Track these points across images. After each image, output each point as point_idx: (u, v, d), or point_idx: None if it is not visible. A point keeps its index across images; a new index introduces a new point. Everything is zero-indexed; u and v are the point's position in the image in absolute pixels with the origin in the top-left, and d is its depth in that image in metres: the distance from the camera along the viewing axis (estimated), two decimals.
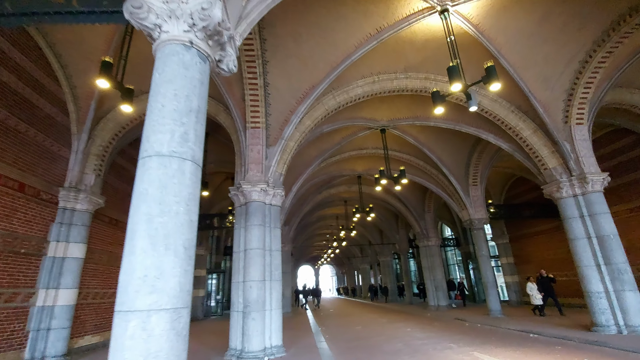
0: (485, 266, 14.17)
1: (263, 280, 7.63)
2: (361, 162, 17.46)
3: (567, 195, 9.41)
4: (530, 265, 18.48)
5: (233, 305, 7.66)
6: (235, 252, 8.05)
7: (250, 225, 7.91)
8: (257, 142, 8.63)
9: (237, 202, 8.55)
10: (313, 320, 14.89)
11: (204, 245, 19.06)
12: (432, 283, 19.03)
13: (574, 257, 9.12)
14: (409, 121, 12.67)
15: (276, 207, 8.62)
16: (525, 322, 11.01)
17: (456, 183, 14.89)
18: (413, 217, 20.22)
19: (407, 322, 13.09)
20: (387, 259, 30.04)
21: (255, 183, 8.17)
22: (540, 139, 9.98)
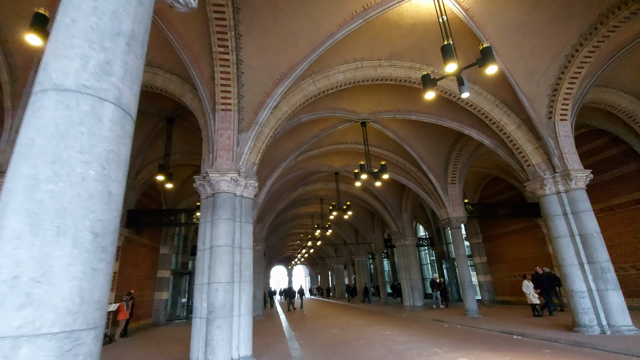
0: (463, 265, 13.95)
1: (231, 282, 6.70)
2: (339, 158, 16.81)
3: (550, 193, 9.21)
4: (503, 265, 18.67)
5: (195, 311, 6.66)
6: (200, 250, 7.06)
7: (218, 219, 6.95)
8: (227, 127, 7.67)
9: (203, 193, 7.54)
10: (286, 324, 14.02)
11: (168, 244, 17.61)
12: (408, 283, 18.74)
13: (557, 255, 8.92)
14: (390, 114, 12.16)
15: (248, 200, 7.71)
16: (504, 323, 10.77)
17: (435, 181, 14.60)
18: (390, 216, 19.86)
19: (385, 324, 12.55)
20: (362, 258, 29.68)
21: (224, 172, 7.22)
22: (524, 135, 9.75)
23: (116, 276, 12.49)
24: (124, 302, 12.09)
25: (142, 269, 15.28)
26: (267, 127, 8.44)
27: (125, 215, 12.93)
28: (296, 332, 11.48)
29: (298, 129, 12.75)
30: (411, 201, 19.75)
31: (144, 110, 10.90)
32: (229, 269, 6.69)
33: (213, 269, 6.60)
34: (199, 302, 6.67)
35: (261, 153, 8.34)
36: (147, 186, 14.25)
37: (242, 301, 6.83)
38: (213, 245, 6.78)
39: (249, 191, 7.71)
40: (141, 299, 15.13)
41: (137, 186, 13.45)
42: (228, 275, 6.64)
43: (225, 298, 6.46)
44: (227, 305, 6.44)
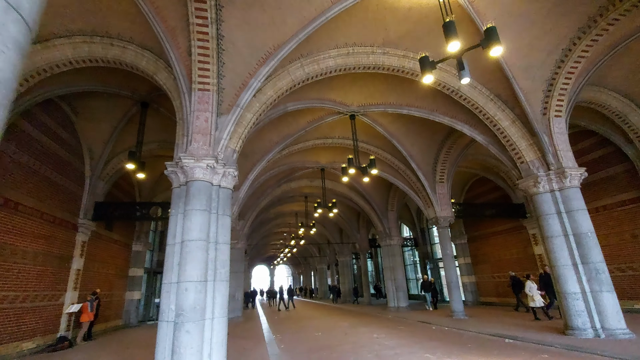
0: (450, 266, 13.62)
1: (204, 281, 5.96)
2: (326, 154, 16.22)
3: (544, 191, 8.91)
4: (487, 266, 18.56)
5: (162, 314, 5.88)
6: (169, 244, 6.27)
7: (191, 210, 6.19)
8: (205, 108, 6.91)
9: (175, 181, 6.75)
10: (267, 326, 13.28)
11: (142, 241, 16.51)
12: (393, 283, 18.34)
13: (549, 255, 8.60)
14: (380, 108, 11.65)
15: (226, 190, 6.97)
16: (492, 325, 10.44)
17: (424, 179, 14.22)
18: (376, 215, 19.43)
19: (371, 326, 12.02)
20: (346, 258, 29.20)
21: (200, 157, 6.46)
22: (518, 131, 9.43)
23: (80, 273, 11.41)
24: (87, 303, 11.04)
25: (112, 266, 14.17)
26: (250, 112, 7.73)
27: (92, 208, 11.86)
28: (277, 335, 10.77)
29: (284, 120, 12.08)
30: (397, 200, 19.39)
31: (114, 93, 9.94)
32: (202, 266, 5.94)
33: (183, 266, 5.84)
34: (166, 304, 5.89)
35: (242, 140, 7.61)
36: (118, 177, 13.18)
37: (216, 302, 6.09)
38: (185, 239, 6.02)
39: (227, 180, 6.98)
40: (110, 299, 14.03)
41: (107, 177, 12.39)
42: (201, 274, 5.89)
43: (196, 299, 5.71)
44: (198, 308, 5.69)
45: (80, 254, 11.44)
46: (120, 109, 11.04)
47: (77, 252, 11.30)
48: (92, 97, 10.49)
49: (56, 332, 10.37)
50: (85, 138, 11.51)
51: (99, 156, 11.88)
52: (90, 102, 10.70)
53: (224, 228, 6.65)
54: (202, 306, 5.78)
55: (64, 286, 10.76)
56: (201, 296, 5.80)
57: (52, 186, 10.14)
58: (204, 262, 6.03)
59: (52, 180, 10.09)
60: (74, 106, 10.72)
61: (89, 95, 10.34)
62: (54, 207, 10.19)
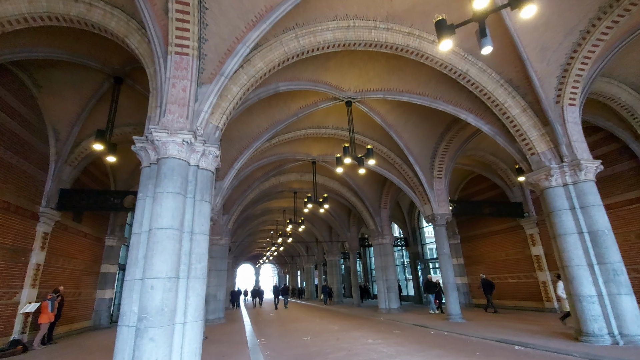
0: (446, 266, 12.90)
1: (176, 278, 4.94)
2: (318, 146, 15.31)
3: (556, 185, 8.23)
4: (481, 267, 17.99)
5: (122, 317, 4.83)
6: (135, 234, 5.22)
7: (162, 192, 5.16)
8: (183, 76, 5.88)
9: (144, 159, 5.70)
10: (250, 329, 12.25)
11: (116, 235, 15.21)
12: (384, 284, 17.55)
13: (561, 255, 7.91)
14: (379, 94, 10.81)
15: (206, 173, 5.96)
16: (495, 329, 9.73)
17: (421, 174, 13.47)
18: (369, 213, 18.61)
19: (363, 329, 11.16)
20: (335, 258, 28.31)
21: (174, 131, 5.44)
22: (529, 119, 8.73)
23: (40, 269, 10.14)
24: (47, 302, 9.78)
25: (80, 262, 12.86)
26: (237, 85, 6.74)
27: (56, 195, 10.60)
28: (261, 339, 9.78)
29: (274, 104, 11.11)
30: (391, 198, 18.63)
31: (82, 64, 8.76)
32: (173, 260, 4.92)
33: (150, 259, 4.81)
34: (127, 305, 4.85)
35: (227, 117, 6.62)
36: (89, 163, 11.92)
37: (189, 304, 5.08)
38: (153, 227, 4.99)
39: (207, 161, 5.97)
40: (77, 298, 12.72)
41: (75, 161, 11.12)
42: (171, 269, 4.87)
43: (164, 299, 4.69)
44: (166, 310, 4.67)
45: (41, 246, 10.17)
46: (90, 85, 9.84)
47: (37, 244, 10.02)
48: (57, 68, 9.27)
49: (9, 335, 9.10)
50: (49, 116, 10.25)
51: (65, 138, 10.62)
52: (54, 74, 9.47)
53: (202, 216, 5.64)
54: (171, 308, 4.76)
55: (20, 283, 9.48)
56: (171, 296, 4.78)
57: (6, 168, 8.87)
58: (176, 255, 5.01)
59: (5, 161, 8.82)
60: (36, 78, 9.46)
61: (52, 65, 9.13)
62: (7, 192, 8.91)
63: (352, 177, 17.81)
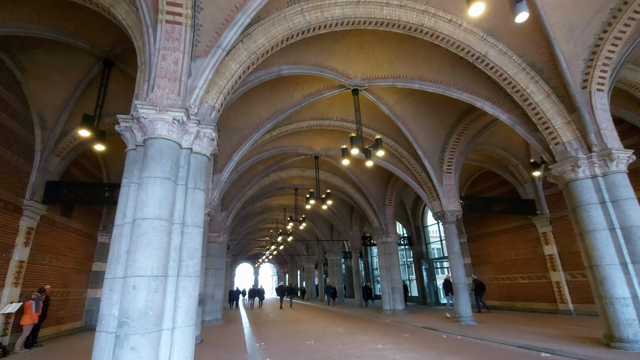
0: (457, 265, 12.23)
1: (163, 276, 4.26)
2: (321, 139, 14.62)
3: (584, 176, 7.56)
4: (489, 266, 17.34)
5: (101, 322, 4.15)
6: (117, 225, 4.54)
7: (148, 177, 4.47)
8: (174, 47, 5.19)
9: (130, 141, 5.02)
10: (249, 331, 11.57)
11: (109, 231, 14.47)
12: (389, 284, 16.87)
13: (590, 253, 7.24)
14: (388, 82, 10.13)
15: (201, 157, 5.27)
16: (511, 333, 9.05)
17: (430, 169, 12.79)
18: (372, 211, 17.93)
19: (370, 332, 10.48)
20: (336, 257, 27.61)
21: (164, 108, 4.75)
22: (553, 106, 8.05)
23: (24, 266, 9.44)
24: (31, 301, 9.08)
25: (70, 259, 12.16)
26: (236, 61, 6.05)
27: (42, 188, 9.90)
28: (261, 343, 9.10)
29: (276, 93, 10.43)
30: (396, 194, 17.94)
31: (68, 44, 8.06)
32: (160, 256, 4.24)
33: (133, 254, 4.12)
34: (107, 308, 4.16)
35: (224, 96, 5.93)
36: (78, 154, 11.20)
37: (179, 306, 4.40)
38: (137, 217, 4.30)
39: (202, 144, 5.28)
40: (66, 298, 12.03)
41: (63, 152, 10.42)
42: (158, 266, 4.18)
43: (149, 301, 4.00)
44: (151, 314, 3.98)
45: (25, 242, 9.47)
46: (79, 68, 9.13)
47: (21, 240, 9.33)
48: (43, 50, 8.57)
49: None
50: (35, 103, 9.54)
51: (52, 126, 9.92)
52: (40, 56, 8.77)
53: (195, 206, 4.96)
54: (157, 311, 4.07)
55: (1, 281, 8.79)
56: (157, 297, 4.10)
57: None
58: (164, 249, 4.32)
59: None
60: (19, 60, 8.76)
61: (37, 46, 8.43)
62: None
63: (356, 173, 17.13)
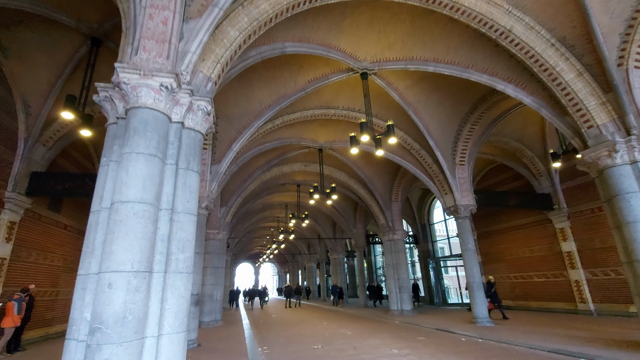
0: (471, 263, 11.48)
1: (147, 272, 3.51)
2: (326, 131, 13.88)
3: (622, 162, 6.81)
4: (501, 265, 16.59)
5: (71, 328, 3.41)
6: (93, 212, 3.80)
7: (130, 153, 3.72)
8: (163, 5, 4.44)
9: (110, 114, 4.27)
10: (250, 333, 10.82)
11: None
12: (396, 283, 16.13)
13: (630, 247, 6.49)
14: (400, 64, 9.38)
15: (195, 134, 4.52)
16: (536, 335, 8.30)
17: (443, 160, 12.04)
18: (378, 207, 17.18)
19: (380, 335, 9.73)
20: (339, 256, 26.84)
21: (150, 72, 4.00)
22: (586, 86, 7.29)
23: (5, 264, 8.70)
24: (13, 302, 8.33)
25: (59, 257, 11.42)
26: (235, 28, 5.30)
27: (25, 178, 9.16)
28: (263, 347, 8.35)
29: (279, 77, 9.69)
30: (403, 190, 17.19)
31: (54, 19, 7.33)
32: (143, 247, 3.49)
33: (109, 246, 3.37)
34: (78, 310, 3.42)
35: (222, 66, 5.18)
36: (68, 144, 10.46)
37: (167, 308, 3.65)
38: (116, 200, 3.55)
39: (196, 119, 4.53)
40: (55, 298, 11.27)
41: (50, 141, 9.68)
42: (140, 259, 3.43)
43: (128, 303, 3.25)
44: (131, 318, 3.23)
45: (6, 237, 8.73)
46: (65, 48, 8.38)
47: (1, 235, 8.59)
48: (26, 27, 7.82)
49: None
50: (18, 86, 8.79)
51: (37, 112, 9.16)
52: (23, 35, 8.02)
53: (188, 190, 4.21)
54: (139, 315, 3.32)
55: None
56: (138, 297, 3.34)
57: None
58: (148, 240, 3.57)
59: None
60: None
61: (19, 23, 7.68)
62: None
63: (361, 167, 16.39)
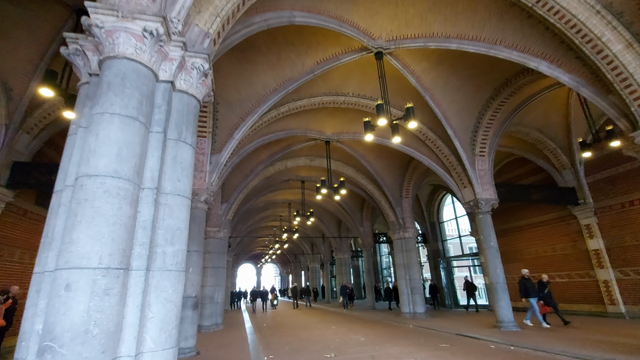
0: (495, 262, 10.57)
1: (120, 269, 2.62)
2: (333, 121, 13.01)
3: None
4: (519, 264, 15.60)
5: (20, 343, 2.53)
6: (56, 192, 2.93)
7: (102, 114, 2.84)
8: None
9: (82, 71, 3.41)
10: (253, 338, 9.93)
11: None
12: (408, 284, 15.22)
13: None
14: (419, 42, 8.50)
15: (189, 98, 3.65)
16: (575, 342, 7.37)
17: (462, 151, 11.14)
18: (388, 203, 16.29)
19: (398, 341, 8.83)
20: (344, 256, 25.92)
21: (130, 13, 3.12)
22: (636, 58, 6.40)
23: None
24: None
25: None
26: None
27: (6, 169, 8.31)
28: (269, 355, 7.46)
29: (284, 59, 8.84)
30: (413, 185, 16.29)
31: None
32: (116, 236, 2.60)
33: (69, 233, 2.49)
34: (29, 320, 2.55)
35: (222, 21, 4.30)
36: (56, 133, 9.62)
37: (149, 318, 2.77)
38: (81, 173, 2.66)
39: (190, 81, 3.66)
40: None
41: (35, 128, 8.84)
42: (111, 251, 2.55)
43: (92, 311, 2.36)
44: (97, 332, 2.35)
45: None
46: (50, 24, 7.53)
47: None
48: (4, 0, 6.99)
49: None
50: None
51: (19, 95, 8.31)
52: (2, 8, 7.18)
53: (179, 166, 3.33)
54: (108, 327, 2.43)
55: None
56: (108, 304, 2.45)
57: None
58: (124, 226, 2.68)
59: None
60: None
61: None
62: None
63: (370, 161, 15.52)
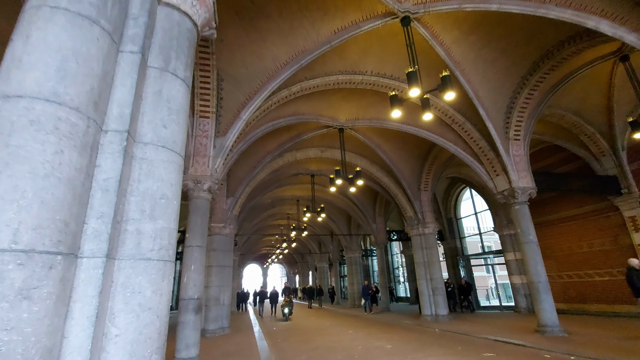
0: (535, 258, 9.37)
1: (59, 254, 1.54)
2: (347, 106, 11.90)
3: None
4: (549, 262, 14.30)
5: None
6: None
7: (38, 7, 1.77)
8: None
9: None
10: (264, 345, 8.85)
11: None
12: (429, 284, 14.04)
13: None
14: (453, 4, 7.38)
15: (180, 17, 2.56)
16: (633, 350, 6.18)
17: (495, 134, 9.97)
18: (405, 197, 15.13)
19: (429, 349, 7.67)
20: (355, 255, 24.75)
21: None
22: None
23: None
24: None
25: None
26: None
27: None
28: None
29: (297, 27, 7.80)
30: (433, 177, 15.11)
31: None
32: (50, 196, 1.52)
33: None
34: None
35: None
36: None
37: (112, 336, 1.67)
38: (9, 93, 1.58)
39: None
40: None
41: None
42: (40, 223, 1.46)
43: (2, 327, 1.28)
44: None
45: None
46: None
47: None
48: None
49: None
50: None
51: None
52: None
53: (166, 106, 2.24)
54: (30, 356, 1.34)
55: None
56: (31, 315, 1.36)
57: None
58: (65, 182, 1.59)
59: None
60: None
61: None
62: None
63: (386, 151, 14.38)
